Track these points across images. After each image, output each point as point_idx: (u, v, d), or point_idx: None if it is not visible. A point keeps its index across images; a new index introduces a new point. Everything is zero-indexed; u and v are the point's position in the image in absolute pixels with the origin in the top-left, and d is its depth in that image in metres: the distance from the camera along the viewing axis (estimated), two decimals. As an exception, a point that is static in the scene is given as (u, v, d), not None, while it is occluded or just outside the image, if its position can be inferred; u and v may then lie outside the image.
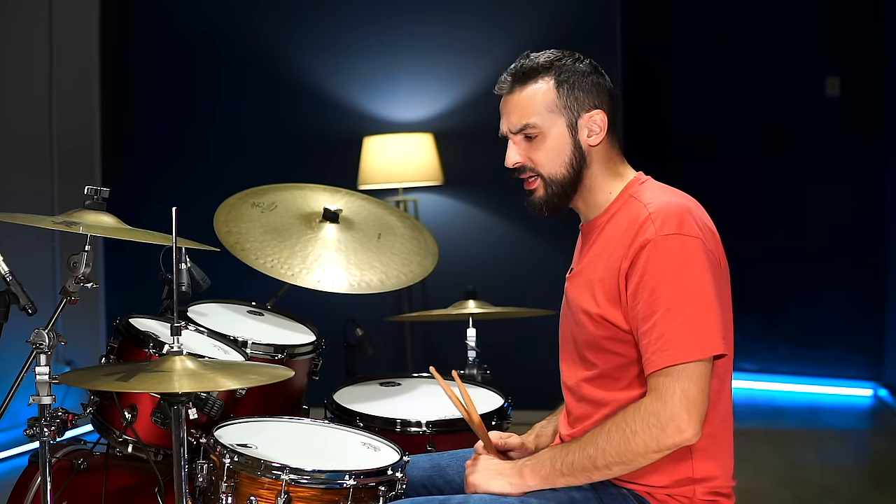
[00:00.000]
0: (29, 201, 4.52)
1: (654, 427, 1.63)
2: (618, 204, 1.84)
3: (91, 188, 1.97)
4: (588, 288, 1.82)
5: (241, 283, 2.93)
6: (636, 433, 1.65)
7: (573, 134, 1.83)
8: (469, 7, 5.00)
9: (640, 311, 1.69)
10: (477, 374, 2.69)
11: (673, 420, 1.62)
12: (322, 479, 1.82)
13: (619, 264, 1.74)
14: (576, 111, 1.82)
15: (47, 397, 1.86)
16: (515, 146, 1.86)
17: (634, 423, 1.65)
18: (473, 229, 4.98)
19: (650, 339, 1.67)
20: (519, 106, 1.84)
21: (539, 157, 1.84)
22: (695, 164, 5.56)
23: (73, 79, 4.95)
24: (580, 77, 1.83)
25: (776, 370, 5.77)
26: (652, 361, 1.67)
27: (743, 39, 5.99)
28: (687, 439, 1.63)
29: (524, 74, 1.84)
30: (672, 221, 1.71)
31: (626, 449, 1.66)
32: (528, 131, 1.83)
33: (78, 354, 4.62)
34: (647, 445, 1.65)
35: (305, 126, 5.10)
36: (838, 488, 3.93)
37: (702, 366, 1.65)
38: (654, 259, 1.69)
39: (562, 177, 1.84)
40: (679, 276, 1.68)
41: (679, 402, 1.63)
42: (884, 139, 5.57)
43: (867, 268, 5.67)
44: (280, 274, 2.50)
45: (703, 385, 1.65)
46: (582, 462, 1.71)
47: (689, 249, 1.69)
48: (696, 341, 1.65)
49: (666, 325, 1.66)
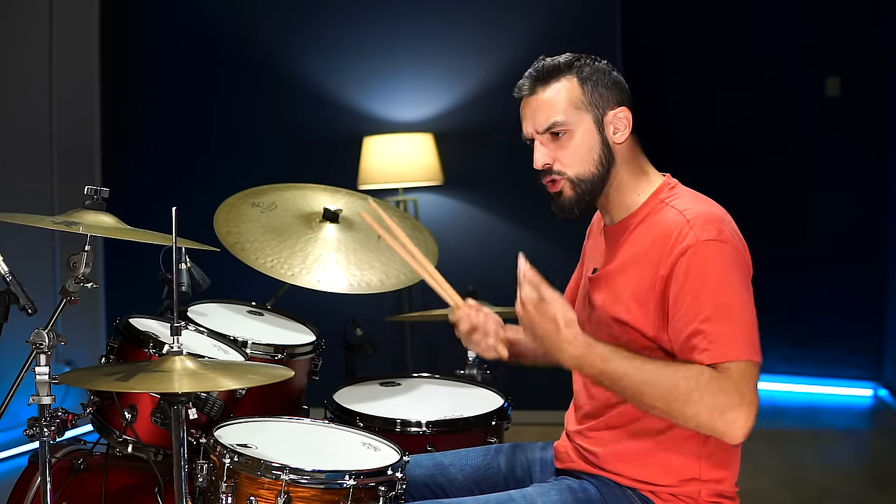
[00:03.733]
0: (29, 201, 4.53)
1: (720, 405, 1.58)
2: (648, 208, 1.82)
3: (91, 188, 1.97)
4: (616, 292, 1.80)
5: (241, 283, 2.93)
6: (701, 401, 1.59)
7: (600, 130, 1.81)
8: (469, 7, 5.00)
9: (684, 315, 1.67)
10: (477, 374, 2.69)
11: (737, 408, 1.58)
12: (322, 479, 1.82)
13: (657, 272, 1.72)
14: (601, 108, 1.81)
15: (47, 397, 1.86)
16: (543, 147, 1.82)
17: (703, 392, 1.59)
18: (473, 229, 4.98)
19: (698, 341, 1.64)
20: (544, 105, 1.81)
21: (567, 156, 1.81)
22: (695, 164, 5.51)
23: (72, 78, 4.95)
24: (602, 75, 1.83)
25: (776, 370, 5.76)
26: (704, 358, 1.63)
27: (743, 39, 5.98)
28: (736, 436, 1.60)
29: (547, 74, 1.82)
30: (711, 228, 1.70)
31: (681, 410, 1.61)
32: (556, 129, 1.80)
33: (78, 354, 4.62)
34: (700, 417, 1.60)
35: (305, 126, 5.10)
36: (838, 488, 3.93)
37: (755, 367, 1.63)
38: (696, 264, 1.67)
39: (590, 175, 1.81)
40: (722, 280, 1.66)
41: (747, 393, 1.59)
42: (884, 139, 5.56)
43: (867, 268, 5.67)
44: (280, 274, 2.50)
45: (757, 389, 1.63)
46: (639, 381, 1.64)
47: (728, 255, 1.69)
48: (745, 342, 1.64)
49: (714, 326, 1.63)
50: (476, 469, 2.04)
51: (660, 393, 1.62)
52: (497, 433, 2.39)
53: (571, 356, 1.67)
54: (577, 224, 2.00)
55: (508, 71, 4.55)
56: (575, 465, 1.89)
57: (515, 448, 2.08)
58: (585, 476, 1.85)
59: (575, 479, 1.86)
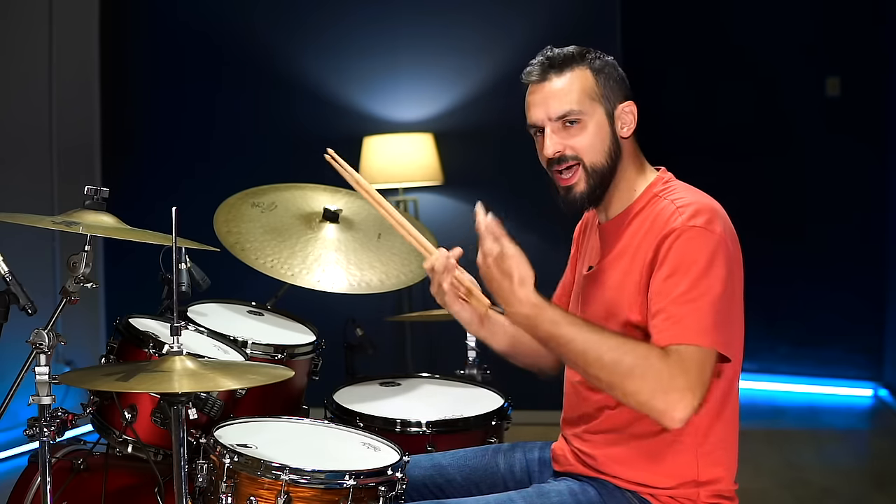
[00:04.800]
0: (29, 201, 4.52)
1: (661, 385, 1.57)
2: (643, 202, 1.82)
3: (91, 188, 1.97)
4: (609, 287, 1.80)
5: (241, 283, 2.93)
6: (643, 377, 1.57)
7: (611, 123, 1.80)
8: (469, 7, 5.00)
9: (656, 294, 1.66)
10: (477, 374, 2.69)
11: (678, 391, 1.56)
12: (322, 479, 1.82)
13: (645, 257, 1.72)
14: (612, 101, 1.81)
15: (47, 397, 1.86)
16: (555, 135, 1.80)
17: (646, 370, 1.58)
18: (473, 229, 4.95)
19: (661, 318, 1.64)
20: (558, 93, 1.79)
21: (581, 144, 1.78)
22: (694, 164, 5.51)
23: (72, 78, 4.95)
24: (612, 68, 1.83)
25: (776, 370, 5.76)
26: (662, 337, 1.62)
27: (743, 39, 5.98)
28: (671, 419, 1.57)
29: (561, 62, 1.80)
30: (701, 216, 1.69)
31: (621, 382, 1.59)
32: (571, 117, 1.78)
33: (78, 354, 4.61)
34: (640, 394, 1.58)
35: (305, 126, 5.10)
36: (838, 488, 3.93)
37: (711, 355, 1.62)
38: (678, 247, 1.67)
39: (602, 166, 1.79)
40: (700, 266, 1.65)
41: (694, 379, 1.57)
42: (884, 139, 5.56)
43: (867, 267, 5.66)
44: (280, 274, 2.50)
45: (708, 378, 1.61)
46: (575, 360, 1.63)
47: (712, 243, 1.67)
48: (708, 329, 1.62)
49: (680, 308, 1.62)
50: (475, 469, 2.04)
51: (602, 364, 1.60)
52: (497, 433, 2.39)
53: (523, 315, 1.64)
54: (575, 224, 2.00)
55: (508, 71, 4.55)
56: (573, 469, 1.88)
57: (514, 448, 2.08)
58: (585, 478, 1.85)
59: (575, 480, 1.86)
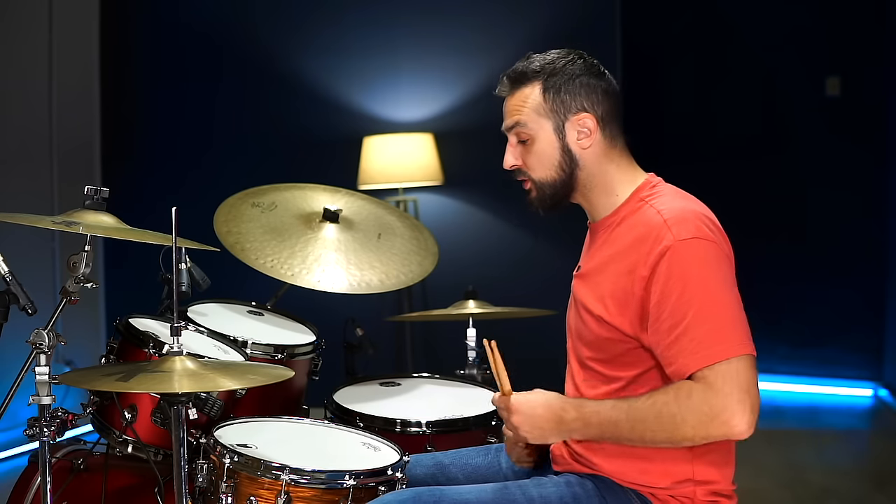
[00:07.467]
0: (29, 201, 4.52)
1: (706, 416, 1.61)
2: (628, 207, 1.83)
3: (91, 188, 1.97)
4: (595, 290, 1.81)
5: (241, 283, 2.93)
6: (686, 421, 1.63)
7: (560, 137, 1.84)
8: (469, 7, 5.00)
9: (668, 318, 1.68)
10: (477, 374, 2.69)
11: (725, 411, 1.60)
12: (322, 479, 1.83)
13: (636, 271, 1.73)
14: (562, 114, 1.83)
15: (47, 397, 1.86)
16: (512, 149, 1.90)
17: (685, 413, 1.63)
18: (473, 229, 4.97)
19: (683, 344, 1.65)
20: (511, 108, 1.88)
21: (530, 160, 1.87)
22: (695, 164, 5.55)
23: (73, 79, 4.94)
24: (569, 80, 1.84)
25: (776, 370, 5.76)
26: (690, 363, 1.65)
27: (743, 39, 5.99)
28: (739, 432, 1.62)
29: (516, 78, 1.88)
30: (689, 226, 1.71)
31: (677, 434, 1.65)
32: (517, 131, 1.87)
33: (78, 354, 4.61)
34: (696, 433, 1.64)
35: (305, 126, 5.10)
36: (838, 488, 3.93)
37: (746, 360, 1.64)
38: (676, 265, 1.68)
39: (552, 180, 1.86)
40: (704, 279, 1.67)
41: (731, 392, 1.61)
42: (884, 139, 5.56)
43: (867, 268, 5.66)
44: (280, 274, 2.50)
45: (753, 377, 1.64)
46: (631, 438, 1.71)
47: (708, 252, 1.69)
48: (732, 339, 1.64)
49: (698, 328, 1.64)
50: (477, 468, 2.04)
51: (655, 435, 1.67)
52: (497, 433, 2.38)
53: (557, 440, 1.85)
54: (575, 224, 2.00)
55: (508, 71, 4.55)
56: (571, 468, 1.88)
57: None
58: (585, 476, 1.86)
59: (575, 475, 1.87)
